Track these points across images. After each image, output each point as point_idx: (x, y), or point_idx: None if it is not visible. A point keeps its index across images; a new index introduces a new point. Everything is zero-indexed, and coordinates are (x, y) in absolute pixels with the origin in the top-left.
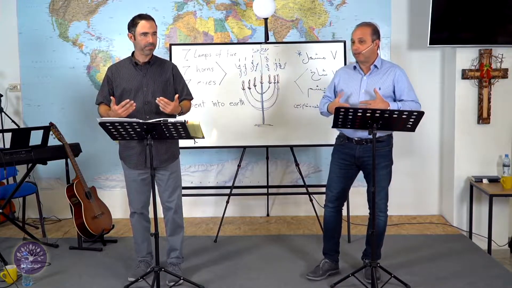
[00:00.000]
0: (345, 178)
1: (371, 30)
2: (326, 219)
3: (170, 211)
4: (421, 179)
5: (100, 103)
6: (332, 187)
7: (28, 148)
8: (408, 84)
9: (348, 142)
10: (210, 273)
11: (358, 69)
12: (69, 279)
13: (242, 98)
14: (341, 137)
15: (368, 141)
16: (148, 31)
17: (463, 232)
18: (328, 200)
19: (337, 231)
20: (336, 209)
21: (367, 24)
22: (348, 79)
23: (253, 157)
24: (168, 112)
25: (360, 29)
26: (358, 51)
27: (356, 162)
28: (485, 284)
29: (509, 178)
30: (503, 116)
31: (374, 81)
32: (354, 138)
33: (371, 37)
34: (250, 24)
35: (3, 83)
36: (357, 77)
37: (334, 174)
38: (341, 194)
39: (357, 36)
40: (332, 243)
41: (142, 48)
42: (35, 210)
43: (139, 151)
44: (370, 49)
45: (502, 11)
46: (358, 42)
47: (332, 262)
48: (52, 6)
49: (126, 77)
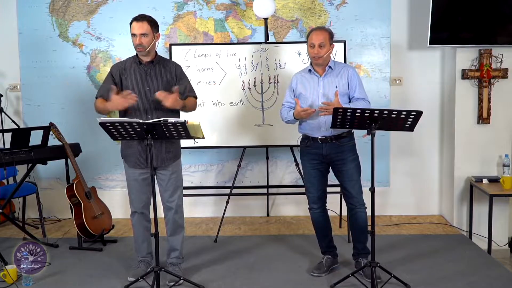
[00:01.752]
0: (320, 176)
1: (329, 35)
2: (315, 220)
3: (171, 211)
4: (421, 179)
5: (100, 96)
6: (311, 189)
7: (28, 148)
8: (359, 82)
9: (313, 142)
10: (210, 273)
11: (313, 72)
12: (69, 279)
13: (242, 98)
14: (305, 139)
15: (333, 138)
16: (136, 32)
17: (463, 232)
18: (312, 202)
19: (329, 228)
20: (321, 209)
21: (325, 28)
22: (305, 83)
23: (253, 157)
24: (169, 105)
25: (319, 33)
26: (319, 55)
27: (324, 160)
28: (485, 284)
29: (509, 178)
30: (503, 116)
31: (330, 81)
32: (319, 138)
33: (329, 42)
34: (250, 24)
35: (3, 83)
36: (313, 79)
37: (309, 176)
38: (321, 193)
39: (318, 41)
40: (328, 241)
41: (134, 48)
42: (35, 210)
43: (140, 151)
44: (329, 53)
45: (502, 11)
46: (318, 46)
47: (333, 258)
48: (52, 6)
49: (129, 76)
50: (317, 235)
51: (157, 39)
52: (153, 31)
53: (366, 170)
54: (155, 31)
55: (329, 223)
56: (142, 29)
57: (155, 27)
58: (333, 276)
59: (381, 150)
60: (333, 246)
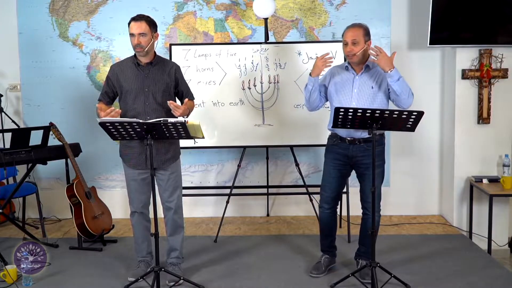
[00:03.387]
0: (339, 178)
1: (363, 31)
2: (323, 220)
3: (170, 211)
4: (421, 179)
5: (100, 101)
6: (327, 188)
7: (28, 148)
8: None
9: (341, 142)
10: (210, 273)
11: (350, 68)
12: (69, 279)
13: (242, 98)
14: (334, 137)
15: (361, 141)
16: (134, 32)
17: (463, 232)
18: (324, 201)
19: (334, 229)
20: (332, 209)
21: (359, 25)
22: (338, 79)
23: (253, 157)
24: (178, 115)
25: (352, 30)
26: (353, 53)
27: (349, 162)
28: (485, 284)
29: (509, 178)
30: (503, 116)
31: (365, 80)
32: (347, 138)
33: (363, 38)
34: (250, 24)
35: (3, 83)
36: (349, 77)
37: (328, 175)
38: (336, 195)
39: (350, 38)
40: (330, 241)
41: (133, 49)
42: (35, 210)
43: (139, 151)
44: (364, 50)
45: (502, 11)
46: (351, 43)
47: (331, 257)
48: (52, 6)
49: (127, 77)
50: (321, 234)
51: (155, 39)
52: (152, 31)
53: None
54: (153, 31)
55: (336, 224)
56: (141, 29)
57: (153, 27)
58: (333, 276)
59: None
60: (334, 246)
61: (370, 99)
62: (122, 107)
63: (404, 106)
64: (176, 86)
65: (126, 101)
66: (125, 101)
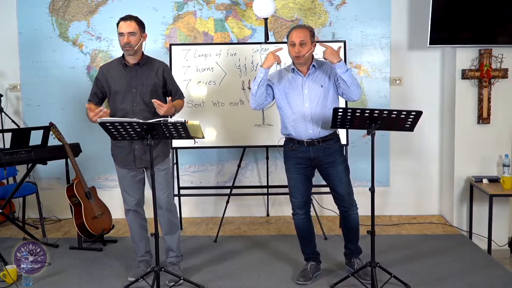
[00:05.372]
0: (306, 181)
1: (310, 33)
2: (300, 226)
3: (161, 209)
4: (421, 179)
5: (89, 101)
6: (296, 194)
7: (28, 148)
8: None
9: (299, 145)
10: (210, 273)
11: (297, 71)
12: (69, 279)
13: (242, 98)
14: (291, 142)
15: (320, 141)
16: (123, 31)
17: (463, 232)
18: (297, 207)
19: (313, 234)
20: (306, 215)
21: (305, 26)
22: (288, 83)
23: (253, 157)
24: (162, 114)
25: (300, 31)
26: (301, 54)
27: (311, 163)
28: (485, 284)
29: (509, 178)
30: (503, 116)
31: (314, 79)
32: (305, 140)
33: (310, 40)
34: (250, 24)
35: (3, 83)
36: (297, 79)
37: (294, 180)
38: (307, 198)
39: (298, 39)
40: (312, 247)
41: (122, 48)
42: (35, 210)
43: (128, 151)
44: (311, 52)
45: (502, 11)
46: (299, 44)
47: (317, 264)
48: (52, 6)
49: (115, 78)
50: (301, 242)
51: (144, 40)
52: (141, 30)
53: (366, 170)
54: (142, 31)
55: (313, 228)
56: (130, 28)
57: (142, 27)
58: (333, 276)
59: (381, 150)
60: (317, 252)
61: (323, 97)
62: (111, 107)
63: (354, 97)
64: (164, 85)
65: (115, 101)
66: (113, 101)
